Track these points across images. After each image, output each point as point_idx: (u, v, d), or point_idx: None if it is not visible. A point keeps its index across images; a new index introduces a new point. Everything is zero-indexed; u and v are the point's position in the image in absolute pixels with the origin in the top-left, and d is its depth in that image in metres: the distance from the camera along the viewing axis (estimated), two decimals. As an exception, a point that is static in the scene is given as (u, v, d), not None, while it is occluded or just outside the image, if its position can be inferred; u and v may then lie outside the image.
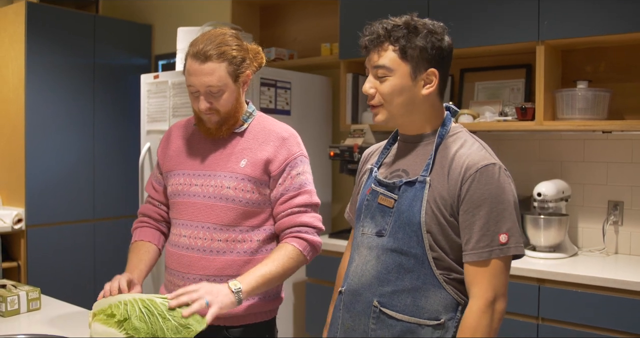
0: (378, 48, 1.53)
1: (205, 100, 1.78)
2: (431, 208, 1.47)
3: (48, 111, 4.21)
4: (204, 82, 1.76)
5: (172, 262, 1.89)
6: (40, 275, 4.09)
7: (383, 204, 1.56)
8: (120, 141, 4.65)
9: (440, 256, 1.48)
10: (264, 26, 4.32)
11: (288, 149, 1.85)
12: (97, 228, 4.51)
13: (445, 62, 1.54)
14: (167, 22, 4.81)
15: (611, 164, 2.92)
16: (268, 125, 1.90)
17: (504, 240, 1.43)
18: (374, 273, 1.54)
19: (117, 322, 1.49)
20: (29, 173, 4.10)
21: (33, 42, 4.10)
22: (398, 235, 1.51)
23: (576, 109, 2.76)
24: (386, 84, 1.52)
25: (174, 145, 1.97)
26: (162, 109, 3.64)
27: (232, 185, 1.81)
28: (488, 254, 1.42)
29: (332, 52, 3.74)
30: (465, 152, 1.49)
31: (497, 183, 1.44)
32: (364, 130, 3.27)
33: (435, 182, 1.48)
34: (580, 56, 2.98)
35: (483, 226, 1.43)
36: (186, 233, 1.85)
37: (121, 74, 4.67)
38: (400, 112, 1.54)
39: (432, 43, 1.50)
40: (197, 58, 1.76)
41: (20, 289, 1.99)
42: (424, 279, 1.48)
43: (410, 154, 1.59)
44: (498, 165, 1.46)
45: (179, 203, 1.89)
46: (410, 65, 1.50)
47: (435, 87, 1.52)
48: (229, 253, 1.81)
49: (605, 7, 2.60)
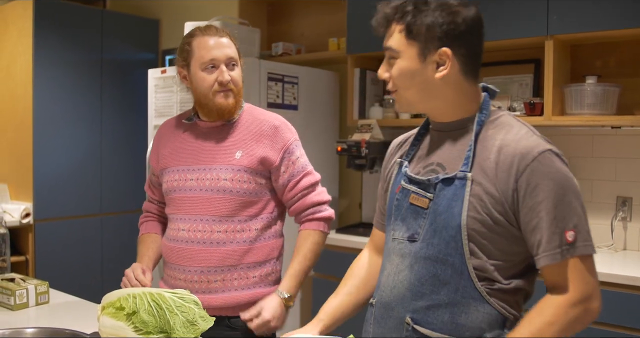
0: (387, 28, 1.38)
1: (227, 71, 1.85)
2: (475, 209, 1.27)
3: (56, 106, 4.22)
4: (226, 53, 1.84)
5: (172, 256, 1.92)
6: (48, 269, 4.11)
7: (416, 204, 1.37)
8: (128, 136, 4.65)
9: (481, 265, 1.28)
10: (271, 21, 4.32)
11: (282, 136, 1.91)
12: (105, 222, 4.52)
13: (464, 39, 1.31)
14: (175, 16, 4.80)
15: (620, 159, 2.91)
16: (258, 115, 1.95)
17: (571, 238, 1.23)
18: (406, 285, 1.36)
19: (126, 315, 1.49)
20: (37, 168, 4.11)
21: (41, 37, 4.11)
22: (433, 241, 1.32)
23: (585, 104, 2.75)
24: (395, 66, 1.36)
25: (166, 143, 2.00)
26: (169, 104, 3.64)
27: (228, 176, 1.84)
28: (560, 256, 1.23)
29: (340, 47, 3.74)
30: (513, 139, 1.28)
31: (558, 171, 1.24)
32: (372, 125, 3.26)
33: (479, 176, 1.28)
34: (590, 51, 2.96)
35: (552, 223, 1.23)
36: (185, 227, 1.88)
37: (128, 69, 4.68)
38: (416, 98, 1.37)
39: (442, 18, 1.29)
40: (214, 34, 1.86)
41: (29, 283, 2.00)
42: (462, 292, 1.29)
43: (445, 145, 1.39)
44: (554, 150, 1.27)
45: (175, 199, 1.92)
46: (417, 45, 1.32)
47: (449, 69, 1.31)
48: (228, 243, 1.85)
49: (614, 2, 2.58)
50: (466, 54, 1.33)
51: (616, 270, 2.41)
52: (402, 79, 1.36)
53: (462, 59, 1.33)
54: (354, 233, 3.22)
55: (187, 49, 1.87)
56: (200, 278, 1.85)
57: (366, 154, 3.15)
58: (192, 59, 1.86)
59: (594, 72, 2.86)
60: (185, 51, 1.88)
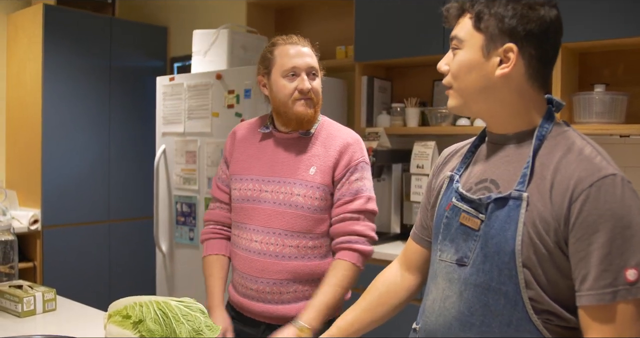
0: (458, 17, 1.27)
1: (308, 80, 1.87)
2: (529, 234, 1.13)
3: (65, 112, 4.25)
4: (307, 63, 1.88)
5: (244, 265, 1.92)
6: (56, 275, 4.12)
7: (466, 225, 1.24)
8: (136, 143, 4.67)
9: (538, 296, 1.14)
10: (279, 29, 4.33)
11: (351, 154, 1.88)
12: (112, 229, 4.53)
13: (535, 39, 1.18)
14: (183, 24, 4.83)
15: (629, 168, 2.89)
16: (334, 131, 1.94)
17: (633, 277, 1.06)
18: (454, 314, 1.23)
19: (133, 323, 1.50)
20: (46, 175, 4.13)
21: (50, 44, 4.14)
22: (484, 267, 1.19)
23: (593, 113, 2.74)
24: (456, 57, 1.25)
25: (241, 149, 1.99)
26: (177, 111, 3.66)
27: (301, 192, 1.84)
28: (611, 296, 1.06)
29: (347, 54, 3.74)
30: (573, 160, 1.15)
31: (620, 201, 1.08)
32: (379, 133, 3.26)
33: (535, 198, 1.14)
34: (598, 59, 2.96)
35: (604, 258, 1.07)
36: (258, 238, 1.88)
37: (137, 76, 4.70)
38: (472, 96, 1.25)
39: (515, 11, 1.17)
40: (296, 44, 1.89)
41: (37, 290, 2.00)
42: (517, 325, 1.15)
43: (500, 160, 1.26)
44: (620, 176, 1.12)
45: (249, 209, 1.91)
46: (483, 36, 1.20)
47: (512, 67, 1.19)
48: (300, 258, 1.86)
49: (622, 10, 2.57)
50: (534, 56, 1.20)
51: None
52: (460, 71, 1.24)
53: (528, 61, 1.20)
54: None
55: (269, 57, 1.90)
56: (273, 290, 1.86)
57: (373, 162, 3.15)
58: (273, 67, 1.88)
59: (602, 81, 2.85)
60: (267, 59, 1.91)
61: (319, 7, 4.09)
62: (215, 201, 2.07)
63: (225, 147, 2.06)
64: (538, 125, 1.22)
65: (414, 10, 3.22)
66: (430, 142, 3.18)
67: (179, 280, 3.69)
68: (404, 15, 3.27)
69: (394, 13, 3.32)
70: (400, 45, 3.28)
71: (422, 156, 3.15)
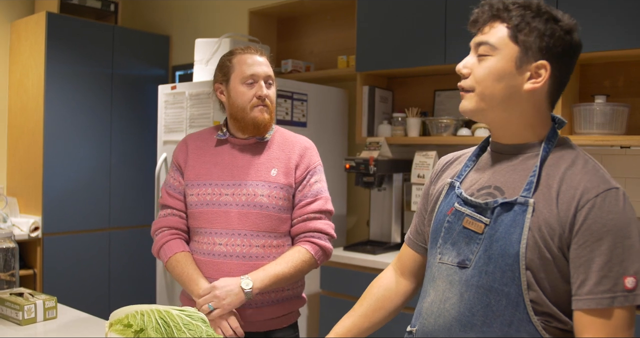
0: (489, 23, 1.28)
1: (265, 87, 1.94)
2: (534, 238, 1.18)
3: (66, 120, 4.26)
4: (265, 71, 1.95)
5: (208, 270, 1.91)
6: (56, 283, 4.11)
7: (469, 228, 1.28)
8: (137, 151, 4.68)
9: (539, 298, 1.19)
10: (281, 38, 4.35)
11: (310, 158, 1.98)
12: (113, 237, 4.53)
13: (563, 61, 1.26)
14: (185, 33, 4.85)
15: (629, 179, 2.89)
16: (290, 137, 2.03)
17: (631, 285, 1.12)
18: (454, 314, 1.26)
19: (134, 332, 1.49)
20: (47, 182, 4.14)
21: (53, 52, 4.16)
22: (487, 269, 1.23)
23: (594, 124, 2.74)
24: (484, 63, 1.27)
25: (195, 156, 2.01)
26: (179, 120, 3.66)
27: (265, 193, 1.89)
28: (609, 301, 1.12)
29: (349, 64, 3.75)
30: (578, 172, 1.21)
31: (622, 213, 1.16)
32: (380, 143, 3.27)
33: (540, 205, 1.20)
34: (599, 70, 2.97)
35: (604, 265, 1.13)
36: (221, 241, 1.90)
37: (139, 85, 4.72)
38: (494, 103, 1.27)
39: (553, 31, 1.22)
40: (254, 52, 1.95)
41: (37, 298, 2.00)
42: (517, 326, 1.19)
43: (505, 168, 1.31)
44: (622, 191, 1.19)
45: (208, 213, 1.93)
46: (520, 48, 1.24)
47: (542, 84, 1.24)
48: (266, 257, 1.90)
49: (623, 22, 2.58)
50: (558, 76, 1.27)
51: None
52: (487, 78, 1.26)
53: (553, 80, 1.26)
54: (362, 251, 3.21)
55: (227, 65, 1.96)
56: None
57: (374, 171, 3.15)
58: (232, 74, 1.94)
59: (602, 92, 2.86)
60: (225, 67, 1.96)
61: (321, 17, 4.11)
62: (165, 208, 2.02)
63: (176, 156, 2.05)
64: (545, 138, 1.28)
65: (416, 20, 3.23)
66: (431, 152, 3.18)
67: (179, 289, 3.69)
68: (405, 25, 3.28)
69: (395, 23, 3.33)
70: (402, 56, 3.29)
71: (422, 166, 3.16)
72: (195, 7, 4.82)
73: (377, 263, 3.01)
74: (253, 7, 4.16)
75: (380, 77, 3.63)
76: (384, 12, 3.37)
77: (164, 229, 2.00)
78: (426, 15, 3.19)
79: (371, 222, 3.50)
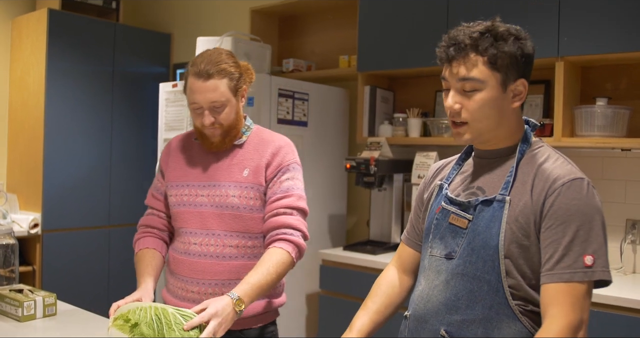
0: (464, 59, 1.38)
1: (209, 115, 1.86)
2: (511, 230, 1.34)
3: (67, 117, 4.26)
4: (208, 98, 1.84)
5: (183, 268, 1.94)
6: (55, 279, 4.12)
7: (455, 224, 1.44)
8: (137, 149, 4.68)
9: (517, 284, 1.34)
10: (282, 37, 4.35)
11: (283, 155, 1.94)
12: (112, 234, 4.53)
13: (529, 70, 1.42)
14: (186, 31, 4.85)
15: (630, 182, 2.90)
16: (266, 136, 1.99)
17: (590, 262, 1.27)
18: (441, 300, 1.42)
19: (130, 326, 1.54)
20: (47, 179, 4.14)
21: (54, 49, 4.16)
22: (470, 259, 1.38)
23: (595, 126, 2.74)
24: (476, 98, 1.38)
25: (176, 158, 2.04)
26: (179, 118, 3.66)
27: (236, 193, 1.89)
28: (569, 276, 1.27)
29: (350, 64, 3.75)
30: (549, 166, 1.37)
31: (585, 199, 1.31)
32: (381, 143, 3.27)
33: (516, 199, 1.36)
34: (600, 73, 2.97)
35: (567, 245, 1.28)
36: (196, 241, 1.92)
37: (140, 82, 4.71)
38: (489, 127, 1.41)
39: (521, 49, 1.37)
40: (199, 76, 1.84)
41: (37, 294, 2.00)
42: (497, 309, 1.35)
43: (486, 171, 1.47)
44: (586, 181, 1.34)
45: (185, 213, 1.95)
46: (500, 75, 1.37)
47: (524, 98, 1.41)
48: (240, 257, 1.90)
49: (625, 25, 2.59)
50: (527, 85, 1.42)
51: (626, 294, 2.39)
52: (482, 110, 1.39)
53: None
54: (362, 251, 3.22)
55: (185, 79, 1.91)
56: (215, 291, 1.88)
57: (375, 171, 3.16)
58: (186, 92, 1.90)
59: (604, 94, 2.86)
60: (185, 79, 1.91)
61: (323, 16, 4.11)
62: (148, 209, 2.11)
63: (160, 158, 2.10)
64: (520, 142, 1.44)
65: (418, 20, 3.23)
66: (431, 152, 3.18)
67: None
68: (407, 25, 3.28)
69: (397, 23, 3.33)
70: (403, 56, 3.29)
71: (423, 166, 3.16)
72: (197, 5, 4.82)
73: (377, 263, 3.01)
74: (255, 6, 4.16)
75: (381, 77, 3.63)
76: (385, 12, 3.37)
77: (141, 227, 2.10)
78: (428, 16, 3.19)
79: (371, 222, 3.50)
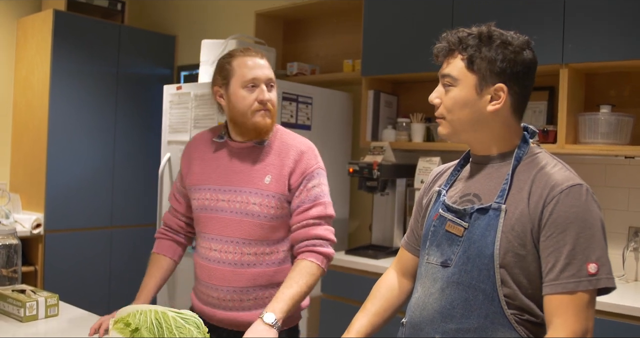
0: (448, 56, 1.43)
1: (267, 92, 1.90)
2: (507, 239, 1.32)
3: (71, 118, 4.27)
4: (266, 74, 1.90)
5: (204, 274, 1.95)
6: (57, 280, 4.12)
7: (451, 232, 1.43)
8: (141, 150, 4.69)
9: (512, 293, 1.33)
10: (286, 41, 4.35)
11: (306, 162, 1.92)
12: (114, 235, 4.53)
13: (520, 78, 1.40)
14: (191, 33, 4.86)
15: (633, 189, 2.89)
16: (288, 140, 1.97)
17: (594, 270, 1.26)
18: (436, 308, 1.41)
19: (131, 331, 1.53)
20: (50, 179, 4.15)
21: (59, 49, 4.17)
22: (466, 267, 1.37)
23: (599, 133, 2.74)
24: (450, 94, 1.42)
25: (197, 160, 2.02)
26: (183, 120, 3.67)
27: (257, 201, 1.87)
28: (574, 285, 1.26)
29: (355, 68, 3.76)
30: (547, 173, 1.35)
31: (585, 206, 1.29)
32: (384, 148, 3.27)
33: (513, 207, 1.34)
34: (604, 80, 2.97)
35: (569, 253, 1.27)
36: (216, 247, 1.91)
37: (144, 84, 4.72)
38: (464, 127, 1.43)
39: (504, 55, 1.37)
40: (254, 55, 1.91)
41: (39, 295, 2.00)
42: (492, 318, 1.33)
43: (483, 177, 1.45)
44: (585, 187, 1.32)
45: (206, 218, 1.94)
46: (476, 76, 1.39)
47: (502, 104, 1.39)
48: (258, 265, 1.89)
49: (629, 32, 2.59)
50: (518, 92, 1.41)
51: (628, 302, 2.39)
52: (454, 107, 1.42)
53: (514, 97, 1.40)
54: (364, 255, 3.21)
55: (227, 68, 1.91)
56: (233, 297, 1.89)
57: (378, 176, 3.16)
58: (232, 78, 1.89)
59: (608, 102, 2.86)
60: (225, 70, 1.91)
61: (328, 20, 4.12)
62: (170, 207, 2.13)
63: (181, 159, 2.10)
64: (516, 148, 1.43)
65: (422, 25, 3.24)
66: (434, 157, 3.18)
67: (180, 288, 3.69)
68: (412, 30, 3.28)
69: (401, 28, 3.33)
70: (407, 61, 3.30)
71: (426, 171, 3.16)
72: (202, 7, 4.83)
73: (378, 267, 3.01)
74: (259, 9, 4.17)
75: (385, 82, 3.63)
76: (390, 17, 3.37)
77: (163, 225, 2.13)
78: (433, 21, 3.19)
79: (373, 226, 3.50)
